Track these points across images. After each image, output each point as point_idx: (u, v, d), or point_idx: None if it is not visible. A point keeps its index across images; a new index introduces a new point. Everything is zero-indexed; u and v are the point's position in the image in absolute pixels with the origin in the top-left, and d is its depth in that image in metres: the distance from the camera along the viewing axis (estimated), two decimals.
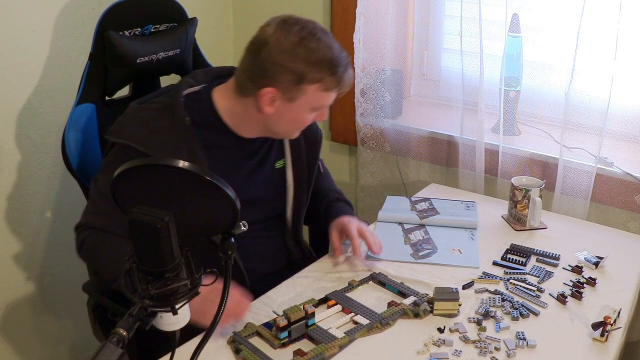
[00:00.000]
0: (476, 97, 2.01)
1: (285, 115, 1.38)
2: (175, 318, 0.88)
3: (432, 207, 1.83)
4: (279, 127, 1.43)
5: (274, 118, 1.39)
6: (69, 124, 1.57)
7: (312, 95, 1.36)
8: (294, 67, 1.32)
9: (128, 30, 1.60)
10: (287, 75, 1.33)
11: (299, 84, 1.34)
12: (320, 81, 1.34)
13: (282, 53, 1.32)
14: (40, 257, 2.03)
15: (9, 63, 1.79)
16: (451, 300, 1.33)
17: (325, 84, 1.35)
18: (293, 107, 1.37)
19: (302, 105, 1.37)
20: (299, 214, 1.61)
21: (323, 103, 1.40)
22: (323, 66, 1.33)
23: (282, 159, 1.56)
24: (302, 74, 1.32)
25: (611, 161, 1.88)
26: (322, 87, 1.36)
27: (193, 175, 0.87)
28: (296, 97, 1.36)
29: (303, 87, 1.34)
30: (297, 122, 1.42)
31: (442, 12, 2.21)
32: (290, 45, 1.31)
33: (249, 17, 2.47)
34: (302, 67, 1.32)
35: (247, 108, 1.39)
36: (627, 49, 1.76)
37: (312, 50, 1.32)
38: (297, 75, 1.32)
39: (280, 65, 1.32)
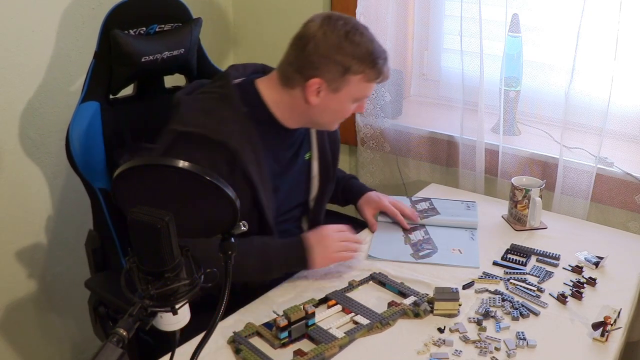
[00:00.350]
0: (476, 97, 2.01)
1: (329, 105, 1.46)
2: (175, 318, 0.88)
3: (432, 207, 1.83)
4: (323, 117, 1.50)
5: (319, 108, 1.46)
6: (73, 121, 1.57)
7: (355, 86, 1.44)
8: (340, 59, 1.40)
9: (133, 30, 1.61)
10: (334, 67, 1.41)
11: (344, 75, 1.42)
12: (363, 72, 1.43)
13: (329, 46, 1.40)
14: (42, 256, 2.03)
15: (9, 63, 1.79)
16: (451, 300, 1.33)
17: (367, 75, 1.44)
18: (337, 98, 1.45)
19: (346, 95, 1.45)
20: (321, 203, 1.68)
21: (364, 94, 1.49)
22: (366, 58, 1.42)
23: (309, 151, 1.64)
24: (348, 66, 1.41)
25: (611, 161, 1.88)
26: (365, 78, 1.44)
27: (193, 175, 0.87)
28: (341, 88, 1.44)
29: (347, 78, 1.42)
30: (340, 113, 1.50)
31: (442, 12, 2.21)
32: (336, 39, 1.40)
33: (249, 17, 2.47)
34: (347, 59, 1.40)
35: (294, 99, 1.46)
36: (627, 49, 1.77)
37: (356, 43, 1.41)
38: (342, 66, 1.41)
39: (327, 57, 1.40)
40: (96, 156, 1.60)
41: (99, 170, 1.61)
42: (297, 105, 1.47)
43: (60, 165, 1.97)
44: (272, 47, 2.41)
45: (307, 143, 1.63)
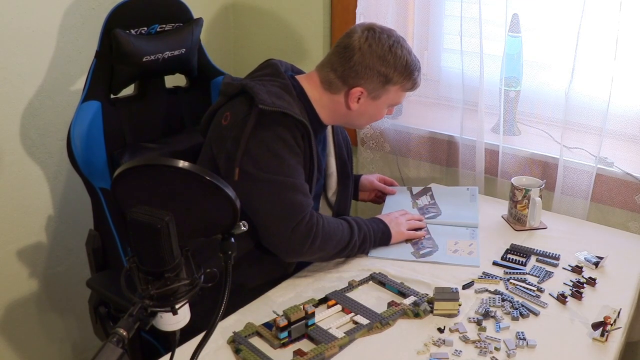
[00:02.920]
0: (476, 97, 2.01)
1: (367, 110, 1.57)
2: (175, 318, 0.88)
3: (433, 201, 1.83)
4: (359, 120, 1.62)
5: (357, 113, 1.57)
6: (74, 120, 1.57)
7: (393, 95, 1.56)
8: (383, 71, 1.50)
9: (134, 29, 1.61)
10: (377, 78, 1.51)
11: (385, 85, 1.53)
12: (401, 83, 1.54)
13: (374, 58, 1.49)
14: (43, 256, 2.03)
15: (9, 63, 1.79)
16: (451, 300, 1.33)
17: (404, 85, 1.55)
18: (375, 104, 1.56)
19: (384, 103, 1.57)
20: (345, 198, 1.74)
21: (399, 101, 1.61)
22: (405, 70, 1.53)
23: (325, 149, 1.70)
24: (390, 77, 1.52)
25: (611, 161, 1.88)
26: (402, 88, 1.56)
27: (193, 175, 0.87)
28: (380, 96, 1.55)
29: (388, 87, 1.53)
30: (375, 117, 1.63)
31: (442, 12, 2.21)
32: (381, 52, 1.49)
33: (249, 17, 2.47)
34: (390, 71, 1.51)
35: (334, 103, 1.56)
36: (627, 49, 1.76)
37: (398, 56, 1.51)
38: (385, 77, 1.51)
39: (372, 69, 1.50)
40: (97, 155, 1.61)
41: (100, 170, 1.61)
42: (337, 108, 1.56)
43: (60, 165, 1.97)
44: (273, 47, 2.42)
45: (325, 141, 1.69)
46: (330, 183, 1.71)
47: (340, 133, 1.73)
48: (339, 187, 1.72)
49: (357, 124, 1.67)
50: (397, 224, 1.64)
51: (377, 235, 1.59)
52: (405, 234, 1.64)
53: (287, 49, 2.37)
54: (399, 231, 1.63)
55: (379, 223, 1.62)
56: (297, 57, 2.32)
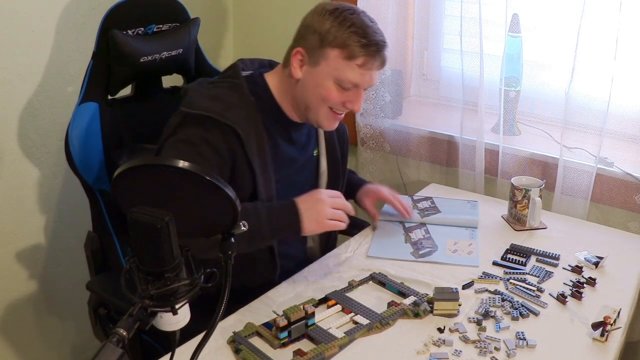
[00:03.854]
0: (476, 97, 2.01)
1: (311, 80, 1.42)
2: (175, 318, 0.88)
3: (433, 205, 1.83)
4: (308, 94, 1.44)
5: (302, 86, 1.44)
6: (72, 122, 1.57)
7: (333, 62, 1.39)
8: (319, 28, 1.39)
9: (131, 30, 1.61)
10: (313, 36, 1.40)
11: (322, 46, 1.39)
12: (340, 47, 1.38)
13: (315, 15, 1.41)
14: (42, 257, 2.03)
15: (9, 63, 1.79)
16: (451, 300, 1.33)
17: (347, 51, 1.37)
18: (317, 72, 1.41)
19: (324, 70, 1.40)
20: None
21: (346, 76, 1.40)
22: (344, 33, 1.37)
23: (317, 148, 1.64)
24: (325, 36, 1.38)
25: (611, 161, 1.88)
26: (344, 54, 1.38)
27: (193, 175, 0.87)
28: (319, 61, 1.40)
29: (325, 50, 1.39)
30: (321, 92, 1.42)
31: (442, 12, 2.21)
32: (323, 11, 1.40)
33: (249, 17, 2.47)
34: (325, 29, 1.38)
35: (288, 80, 1.46)
36: (627, 49, 1.76)
37: (342, 18, 1.38)
38: (319, 35, 1.39)
39: (310, 26, 1.41)
40: (95, 157, 1.61)
41: (97, 171, 1.61)
42: (290, 87, 1.46)
43: (60, 165, 1.97)
44: (272, 47, 2.42)
45: (316, 140, 1.64)
46: (320, 183, 1.66)
47: (337, 132, 1.65)
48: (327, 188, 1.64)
49: (307, 100, 1.45)
50: (316, 212, 1.39)
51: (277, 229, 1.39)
52: (325, 225, 1.41)
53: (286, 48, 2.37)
54: (317, 222, 1.40)
55: (289, 212, 1.40)
56: None
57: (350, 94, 1.44)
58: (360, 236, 1.70)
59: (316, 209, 1.40)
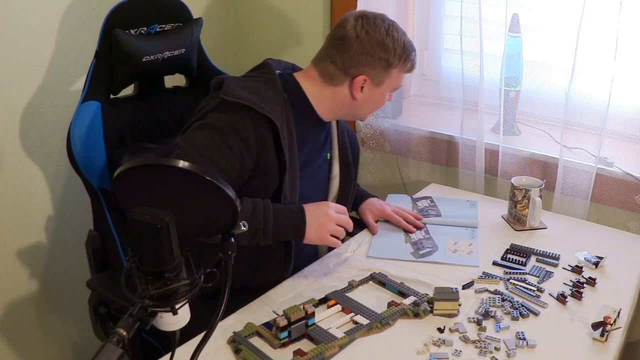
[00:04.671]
0: (476, 97, 2.01)
1: (371, 98, 1.54)
2: (175, 318, 0.88)
3: (433, 205, 1.83)
4: (363, 109, 1.58)
5: (362, 102, 1.54)
6: (74, 120, 1.57)
7: (395, 78, 1.54)
8: (384, 56, 1.49)
9: (134, 29, 1.61)
10: (378, 63, 1.49)
11: (387, 69, 1.51)
12: (401, 65, 1.53)
13: (373, 44, 1.47)
14: (43, 257, 2.03)
15: (9, 63, 1.79)
16: (451, 300, 1.33)
17: (404, 67, 1.54)
18: (379, 90, 1.54)
19: (387, 88, 1.55)
20: (344, 204, 1.66)
21: (400, 83, 1.58)
22: (404, 52, 1.51)
23: (330, 151, 1.66)
24: (391, 62, 1.50)
25: (611, 161, 1.88)
26: (403, 70, 1.54)
27: (193, 175, 0.87)
28: (383, 82, 1.52)
29: (390, 71, 1.51)
30: (379, 103, 1.59)
31: (442, 12, 2.21)
32: (379, 37, 1.48)
33: (249, 17, 2.47)
34: (390, 55, 1.49)
35: (337, 95, 1.53)
36: (627, 49, 1.76)
37: (396, 39, 1.50)
38: (387, 62, 1.49)
39: (373, 55, 1.48)
40: (97, 156, 1.61)
41: (99, 170, 1.61)
42: (340, 101, 1.53)
43: (60, 165, 1.97)
44: (273, 47, 2.42)
45: (329, 143, 1.65)
46: (332, 187, 1.67)
47: (347, 136, 1.70)
48: (340, 192, 1.68)
49: (361, 113, 1.60)
50: (320, 225, 1.44)
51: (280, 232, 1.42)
52: (325, 239, 1.45)
53: (287, 48, 2.37)
54: (319, 234, 1.44)
55: (296, 219, 1.44)
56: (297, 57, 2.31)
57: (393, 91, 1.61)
58: (360, 236, 1.70)
59: (321, 221, 1.45)
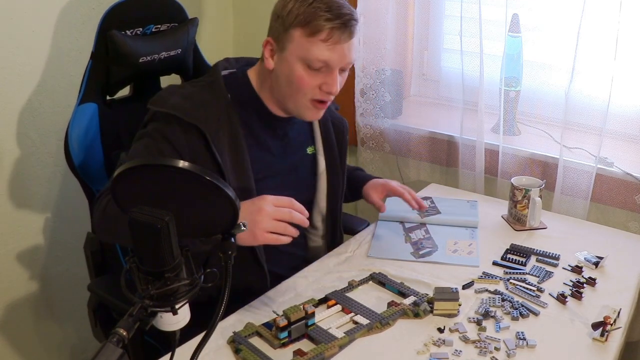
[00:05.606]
0: (476, 97, 2.01)
1: (281, 69, 1.40)
2: (175, 318, 0.88)
3: (433, 205, 1.83)
4: (283, 88, 1.41)
5: (275, 77, 1.42)
6: (71, 123, 1.57)
7: (298, 42, 1.35)
8: (281, 11, 1.37)
9: (130, 30, 1.61)
10: (278, 21, 1.37)
11: (285, 29, 1.36)
12: (303, 24, 1.33)
13: (279, 3, 1.39)
14: (42, 257, 2.03)
15: (9, 63, 1.79)
16: (451, 300, 1.33)
17: (310, 27, 1.33)
18: (285, 58, 1.38)
19: (292, 54, 1.37)
20: (335, 199, 1.64)
21: (313, 54, 1.35)
22: (309, 7, 1.33)
23: (313, 145, 1.60)
24: (287, 16, 1.35)
25: (611, 161, 1.88)
26: (306, 31, 1.34)
27: (193, 175, 0.87)
28: (286, 46, 1.37)
29: (289, 32, 1.36)
30: (293, 81, 1.38)
31: (442, 12, 2.21)
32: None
33: (249, 17, 2.47)
34: (288, 9, 1.35)
35: (265, 73, 1.44)
36: (627, 49, 1.77)
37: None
38: (282, 18, 1.36)
39: (276, 13, 1.39)
40: (95, 158, 1.60)
41: (97, 173, 1.61)
42: (268, 80, 1.44)
43: (60, 165, 1.97)
44: None
45: (311, 137, 1.61)
46: (320, 183, 1.62)
47: (332, 125, 1.62)
48: (328, 188, 1.63)
49: (283, 91, 1.41)
50: (252, 223, 1.24)
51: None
52: (261, 237, 1.26)
53: None
54: (252, 233, 1.25)
55: None
56: None
57: (323, 75, 1.39)
58: (360, 236, 1.70)
59: (253, 219, 1.25)
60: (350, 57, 1.41)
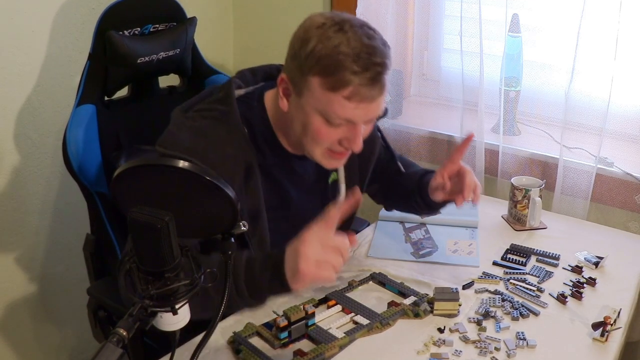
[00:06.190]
0: (476, 97, 2.01)
1: (296, 114, 1.21)
2: (175, 318, 0.88)
3: None
4: (295, 130, 1.24)
5: (290, 118, 1.24)
6: (70, 124, 1.57)
7: (316, 92, 1.15)
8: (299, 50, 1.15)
9: (127, 30, 1.60)
10: (295, 61, 1.16)
11: (302, 73, 1.15)
12: (324, 74, 1.12)
13: (296, 36, 1.17)
14: (41, 257, 2.03)
15: (9, 63, 1.79)
16: (451, 300, 1.33)
17: (331, 80, 1.12)
18: (301, 104, 1.19)
19: (308, 102, 1.17)
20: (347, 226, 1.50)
21: (334, 111, 1.15)
22: (332, 54, 1.10)
23: (336, 171, 1.44)
24: (305, 59, 1.13)
25: (611, 161, 1.88)
26: (327, 84, 1.13)
27: (193, 175, 0.87)
28: (303, 91, 1.17)
29: (307, 78, 1.15)
30: (310, 130, 1.20)
31: (442, 12, 2.21)
32: (307, 28, 1.14)
33: (249, 17, 2.47)
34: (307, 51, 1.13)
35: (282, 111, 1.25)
36: (627, 49, 1.77)
37: (327, 36, 1.11)
38: (299, 60, 1.15)
39: (292, 47, 1.18)
40: (93, 160, 1.59)
41: (96, 174, 1.60)
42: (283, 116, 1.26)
43: (59, 165, 1.96)
44: (272, 47, 2.42)
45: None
46: None
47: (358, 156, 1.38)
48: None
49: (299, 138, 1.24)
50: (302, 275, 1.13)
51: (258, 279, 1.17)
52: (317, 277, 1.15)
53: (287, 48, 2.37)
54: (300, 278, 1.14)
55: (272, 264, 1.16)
56: None
57: (345, 130, 1.20)
58: (360, 236, 1.69)
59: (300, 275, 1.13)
60: (379, 111, 1.21)
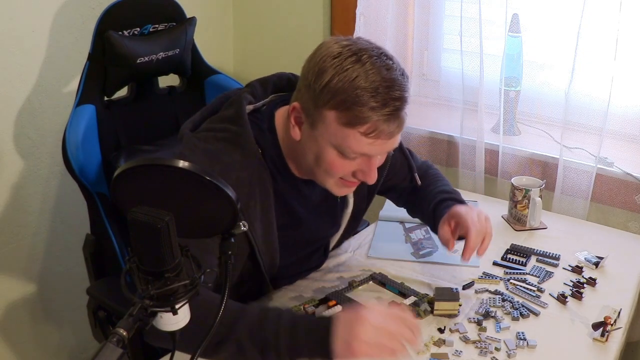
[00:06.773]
0: (476, 97, 2.01)
1: (309, 145, 1.17)
2: (175, 318, 0.88)
3: None
4: (307, 161, 1.20)
5: (302, 148, 1.19)
6: (69, 125, 1.57)
7: (331, 126, 1.10)
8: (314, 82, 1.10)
9: (127, 30, 1.60)
10: (309, 92, 1.11)
11: (316, 106, 1.11)
12: (340, 109, 1.08)
13: (311, 64, 1.12)
14: (40, 257, 2.03)
15: (9, 63, 1.79)
16: (451, 301, 1.33)
17: (347, 115, 1.08)
18: (315, 137, 1.14)
19: (323, 135, 1.13)
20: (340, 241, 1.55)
21: (349, 147, 1.11)
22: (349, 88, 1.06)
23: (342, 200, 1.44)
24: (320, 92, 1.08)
25: (611, 161, 1.88)
26: (343, 119, 1.08)
27: (193, 175, 0.87)
28: (317, 124, 1.12)
29: (322, 111, 1.10)
30: (323, 162, 1.16)
31: (442, 12, 2.21)
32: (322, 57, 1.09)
33: (249, 17, 2.47)
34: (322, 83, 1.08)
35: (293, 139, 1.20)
36: (627, 49, 1.76)
37: (343, 68, 1.06)
38: (314, 92, 1.10)
39: (305, 77, 1.13)
40: (93, 160, 1.59)
41: (95, 174, 1.60)
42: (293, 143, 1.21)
43: (59, 165, 1.96)
44: (272, 47, 2.42)
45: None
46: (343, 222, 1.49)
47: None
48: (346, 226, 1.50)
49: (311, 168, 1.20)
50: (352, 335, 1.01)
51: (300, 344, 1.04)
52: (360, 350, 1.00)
53: (287, 49, 2.37)
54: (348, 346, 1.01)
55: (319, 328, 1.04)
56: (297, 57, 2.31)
57: (359, 162, 1.16)
58: (360, 236, 1.69)
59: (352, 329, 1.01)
60: (395, 144, 1.16)
